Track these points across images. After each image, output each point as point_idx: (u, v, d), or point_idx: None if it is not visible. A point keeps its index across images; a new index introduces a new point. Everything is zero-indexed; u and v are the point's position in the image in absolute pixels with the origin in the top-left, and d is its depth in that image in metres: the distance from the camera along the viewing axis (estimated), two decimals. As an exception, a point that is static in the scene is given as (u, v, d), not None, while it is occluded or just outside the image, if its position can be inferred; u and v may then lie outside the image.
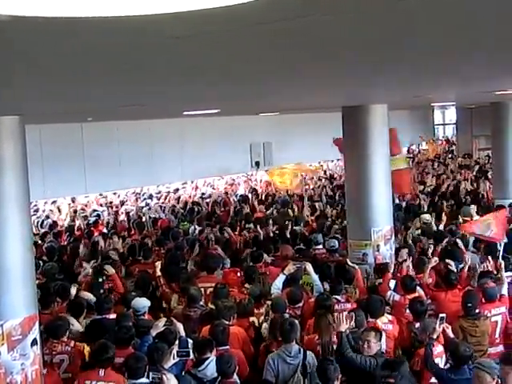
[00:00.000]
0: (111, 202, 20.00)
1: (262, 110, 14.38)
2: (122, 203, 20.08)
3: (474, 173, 21.72)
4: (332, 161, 26.28)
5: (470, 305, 7.81)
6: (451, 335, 7.06)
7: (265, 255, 10.71)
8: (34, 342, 6.53)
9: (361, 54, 3.76)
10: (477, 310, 7.84)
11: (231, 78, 4.90)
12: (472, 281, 9.07)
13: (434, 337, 6.90)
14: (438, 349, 6.95)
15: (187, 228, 14.40)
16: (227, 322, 7.46)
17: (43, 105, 6.63)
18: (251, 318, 8.08)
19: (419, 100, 13.28)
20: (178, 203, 19.40)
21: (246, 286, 9.19)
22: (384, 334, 7.57)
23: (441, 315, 7.05)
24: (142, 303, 8.11)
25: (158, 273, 9.37)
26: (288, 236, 12.62)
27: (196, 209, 17.41)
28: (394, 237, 10.70)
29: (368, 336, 6.69)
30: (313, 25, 2.53)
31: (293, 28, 2.56)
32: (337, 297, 8.43)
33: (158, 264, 9.55)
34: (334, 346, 7.06)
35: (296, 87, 6.33)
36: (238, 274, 9.82)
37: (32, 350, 6.50)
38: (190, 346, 6.78)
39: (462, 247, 10.54)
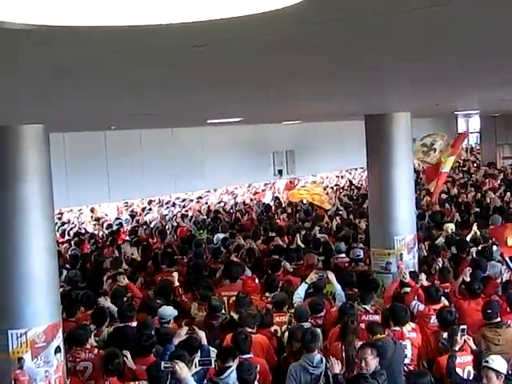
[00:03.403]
0: (132, 210, 20.12)
1: (285, 119, 14.37)
2: (144, 210, 20.20)
3: (499, 181, 21.57)
4: (356, 169, 26.25)
5: (489, 311, 7.76)
6: (473, 346, 7.00)
7: (287, 264, 10.69)
8: (57, 350, 6.56)
9: (391, 58, 3.76)
10: (498, 319, 7.78)
11: (255, 84, 4.90)
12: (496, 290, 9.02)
13: (456, 348, 6.85)
14: (465, 359, 6.88)
15: (203, 237, 14.42)
16: (250, 330, 7.46)
17: (67, 113, 6.68)
18: (273, 328, 8.08)
19: (442, 108, 13.21)
20: (201, 211, 19.51)
21: (267, 294, 9.17)
22: (409, 342, 7.55)
23: (462, 327, 7.00)
24: (169, 311, 8.14)
25: (176, 283, 9.39)
26: (310, 244, 12.58)
27: (220, 217, 17.47)
28: (417, 246, 10.63)
29: (365, 353, 6.48)
30: (336, 30, 2.53)
31: (320, 33, 2.56)
32: (366, 307, 8.36)
33: (176, 274, 9.57)
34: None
35: (322, 93, 6.33)
36: (256, 281, 9.82)
37: (55, 358, 6.54)
38: (212, 354, 6.78)
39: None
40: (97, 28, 1.69)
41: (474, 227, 12.59)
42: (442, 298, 8.55)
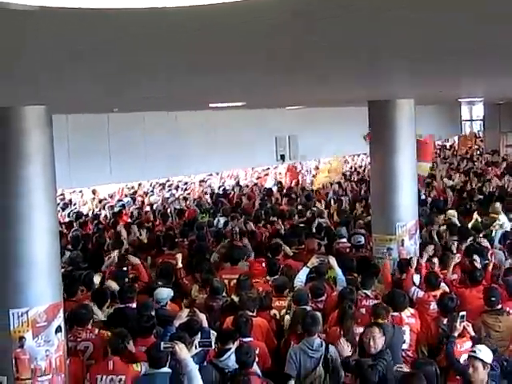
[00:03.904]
0: (135, 193, 20.13)
1: (288, 104, 14.35)
2: (146, 194, 20.23)
3: (501, 169, 21.56)
4: (358, 155, 26.24)
5: (493, 299, 7.79)
6: (472, 333, 7.03)
7: (287, 248, 10.70)
8: (58, 329, 6.59)
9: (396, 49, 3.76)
10: (499, 306, 7.81)
11: (258, 69, 4.90)
12: (497, 278, 9.03)
13: (455, 334, 6.88)
14: (466, 345, 6.90)
15: (205, 220, 14.43)
16: (251, 314, 7.49)
17: (70, 95, 6.67)
18: (272, 311, 8.12)
19: (446, 95, 13.18)
20: (206, 194, 19.56)
21: (268, 278, 9.20)
22: (408, 328, 7.58)
23: (461, 313, 7.03)
24: (165, 293, 8.17)
25: (180, 265, 9.41)
26: (313, 230, 12.59)
27: (222, 200, 17.49)
28: (418, 232, 10.64)
29: (373, 332, 6.56)
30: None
31: (324, 21, 2.56)
32: (367, 292, 8.39)
33: (179, 256, 9.59)
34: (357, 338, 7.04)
35: (322, 80, 6.32)
36: (263, 265, 9.84)
37: (56, 337, 6.57)
38: (212, 336, 6.81)
39: (487, 244, 10.44)
40: (107, 10, 1.70)
41: (475, 215, 12.62)
42: (442, 284, 8.58)
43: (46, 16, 1.93)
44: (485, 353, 6.06)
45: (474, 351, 6.10)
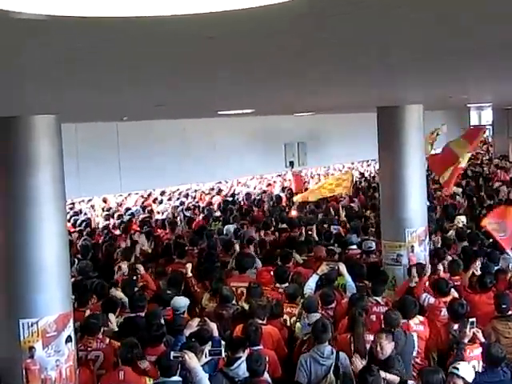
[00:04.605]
0: (144, 201, 20.14)
1: (297, 110, 14.34)
2: (155, 201, 20.24)
3: (511, 175, 21.53)
4: (367, 161, 26.22)
5: (504, 306, 7.75)
6: (482, 339, 6.99)
7: (297, 256, 10.68)
8: (68, 339, 6.58)
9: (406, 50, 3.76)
10: (510, 312, 7.77)
11: (266, 71, 4.89)
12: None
13: (465, 341, 6.84)
14: (476, 351, 6.86)
15: (215, 228, 14.41)
16: (261, 322, 7.47)
17: (79, 104, 6.68)
18: (282, 318, 8.09)
19: (455, 100, 13.15)
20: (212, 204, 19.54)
21: (278, 285, 9.16)
22: (416, 335, 7.55)
23: (471, 319, 7.00)
24: (183, 302, 8.19)
25: (189, 274, 9.40)
26: (322, 236, 12.57)
27: (231, 208, 17.47)
28: (428, 238, 10.60)
29: (380, 338, 6.56)
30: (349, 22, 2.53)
31: (334, 25, 2.56)
32: (377, 299, 8.37)
33: (189, 265, 9.58)
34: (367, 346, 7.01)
35: (332, 82, 6.31)
36: (272, 273, 9.82)
37: (66, 347, 6.56)
38: (222, 345, 6.79)
39: None
40: (117, 18, 1.70)
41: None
42: (452, 291, 8.55)
43: (54, 25, 1.93)
44: (466, 370, 5.96)
45: (457, 368, 5.97)
